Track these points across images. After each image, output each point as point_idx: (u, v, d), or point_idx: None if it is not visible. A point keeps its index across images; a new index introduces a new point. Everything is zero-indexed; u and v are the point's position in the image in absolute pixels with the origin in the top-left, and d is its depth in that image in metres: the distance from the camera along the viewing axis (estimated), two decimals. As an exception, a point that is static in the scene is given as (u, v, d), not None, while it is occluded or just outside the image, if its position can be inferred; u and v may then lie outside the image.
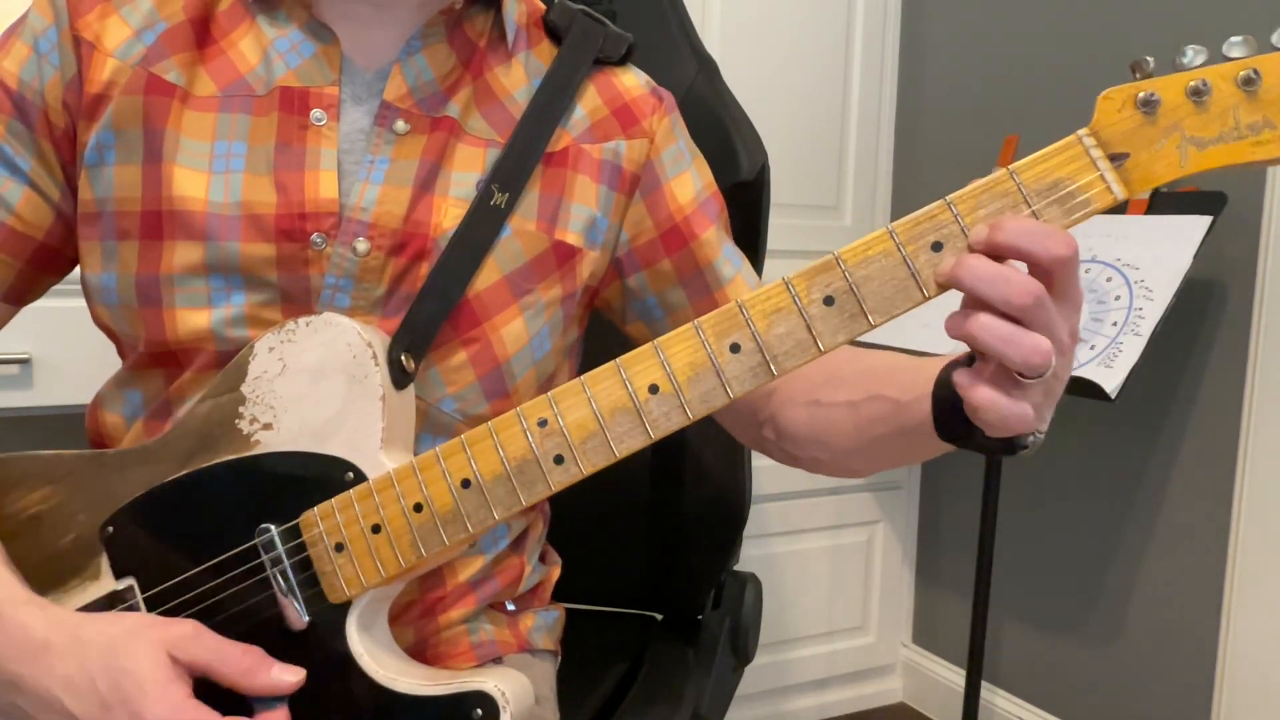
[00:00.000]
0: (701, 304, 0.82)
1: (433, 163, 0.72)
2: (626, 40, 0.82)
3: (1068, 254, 0.53)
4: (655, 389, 0.60)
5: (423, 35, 0.74)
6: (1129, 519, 1.73)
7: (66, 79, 0.71)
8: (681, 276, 0.82)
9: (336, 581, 0.65)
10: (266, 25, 0.73)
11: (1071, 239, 0.53)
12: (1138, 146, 0.54)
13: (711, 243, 0.82)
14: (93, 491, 0.71)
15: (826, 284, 0.58)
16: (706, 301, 0.82)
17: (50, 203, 0.74)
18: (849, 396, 0.72)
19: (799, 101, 2.03)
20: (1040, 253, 0.53)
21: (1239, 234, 1.52)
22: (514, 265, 0.73)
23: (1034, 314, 0.53)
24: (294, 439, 0.67)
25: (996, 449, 0.62)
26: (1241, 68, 0.52)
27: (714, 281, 0.82)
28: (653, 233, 0.81)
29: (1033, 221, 0.54)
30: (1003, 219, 0.54)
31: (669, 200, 0.81)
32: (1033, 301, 0.53)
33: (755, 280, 0.86)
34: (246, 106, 0.71)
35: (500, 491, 0.63)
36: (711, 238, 0.82)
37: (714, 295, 0.82)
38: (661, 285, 0.82)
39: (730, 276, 0.83)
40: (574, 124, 0.78)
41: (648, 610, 1.20)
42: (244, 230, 0.69)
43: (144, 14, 0.72)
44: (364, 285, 0.70)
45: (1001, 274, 0.53)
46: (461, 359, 0.72)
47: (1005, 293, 0.53)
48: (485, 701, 0.63)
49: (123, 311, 0.71)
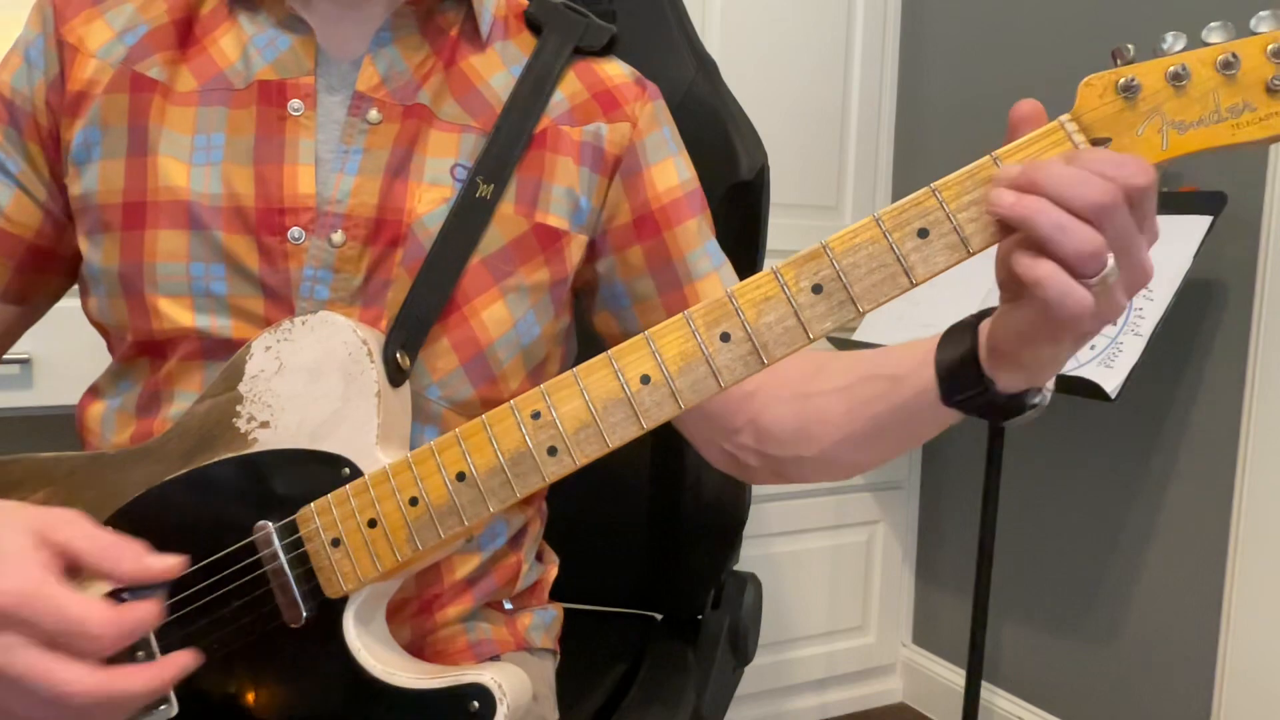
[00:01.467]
0: (670, 298, 0.81)
1: (405, 150, 0.73)
2: (609, 31, 0.82)
3: (1146, 182, 0.51)
4: (647, 379, 0.61)
5: (393, 26, 0.75)
6: (1129, 519, 1.72)
7: (50, 80, 0.74)
8: (651, 265, 0.81)
9: (333, 577, 0.66)
10: (246, 23, 0.74)
11: (1150, 167, 0.51)
12: (1119, 131, 0.55)
13: (688, 235, 0.81)
14: (93, 491, 0.71)
15: (815, 272, 0.58)
16: (675, 296, 0.81)
17: (38, 203, 0.76)
18: (840, 383, 0.72)
19: (799, 101, 2.03)
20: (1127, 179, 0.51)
21: (1239, 234, 1.52)
22: (492, 248, 0.74)
23: (1111, 216, 0.51)
24: (291, 437, 0.68)
25: (1003, 407, 0.61)
26: (1220, 52, 0.53)
27: (685, 275, 0.81)
28: (627, 216, 0.80)
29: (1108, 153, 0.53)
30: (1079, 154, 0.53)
31: (647, 186, 0.81)
32: (1110, 201, 0.50)
33: (733, 281, 0.84)
34: (225, 100, 0.72)
35: (495, 484, 0.63)
36: (689, 230, 0.81)
37: (684, 290, 0.81)
38: (630, 273, 0.81)
39: (704, 272, 0.82)
40: (553, 107, 0.78)
41: (648, 610, 1.20)
42: (225, 220, 0.70)
43: (127, 17, 0.74)
44: (342, 275, 0.71)
45: (1081, 176, 0.51)
46: (444, 345, 0.73)
47: (1084, 192, 0.51)
48: (482, 694, 0.63)
49: (109, 301, 0.72)
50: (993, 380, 0.60)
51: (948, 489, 2.15)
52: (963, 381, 0.62)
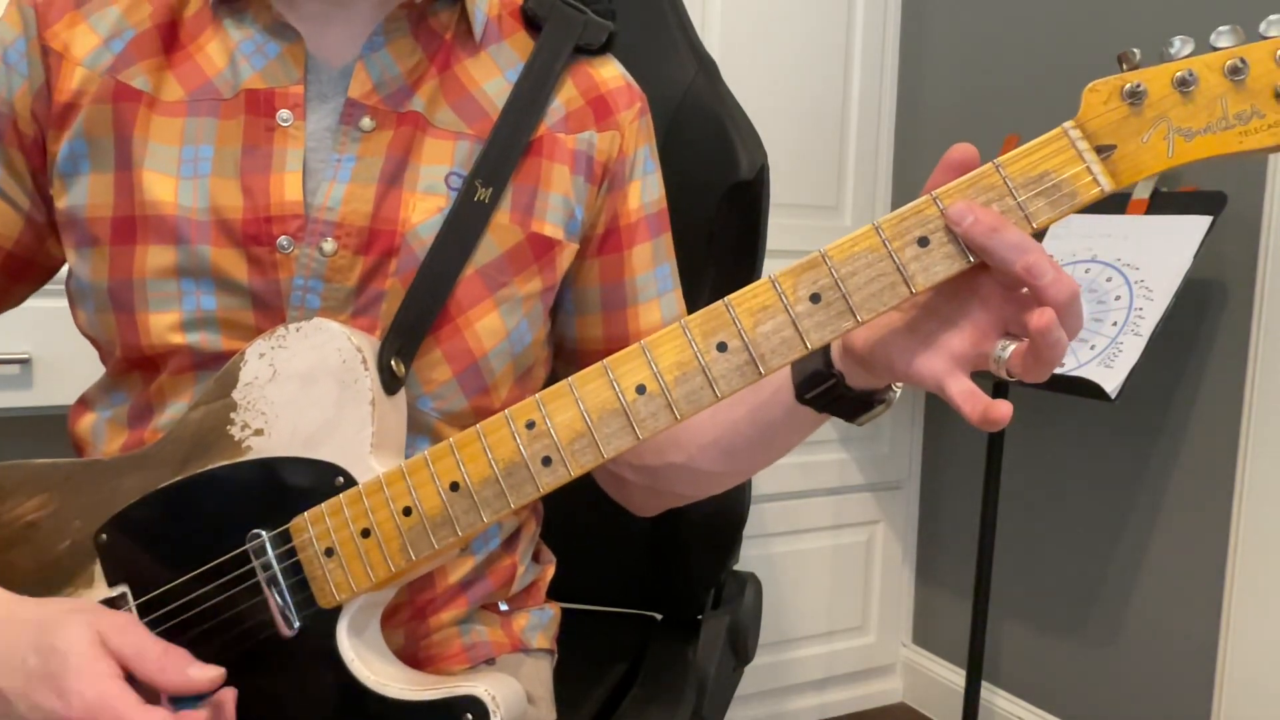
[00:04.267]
0: (612, 315, 0.82)
1: (399, 158, 0.72)
2: (607, 28, 0.80)
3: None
4: (642, 389, 0.60)
5: (385, 30, 0.73)
6: (1129, 519, 1.72)
7: (35, 88, 0.72)
8: (604, 280, 0.81)
9: (327, 586, 0.65)
10: (232, 28, 0.73)
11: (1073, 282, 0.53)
12: (1124, 138, 0.54)
13: (643, 257, 0.82)
14: (88, 498, 0.71)
15: (813, 281, 0.57)
16: (618, 315, 0.82)
17: (20, 211, 0.74)
18: None
19: (799, 101, 2.03)
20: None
21: (1239, 234, 1.52)
22: (487, 258, 0.73)
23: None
24: (285, 445, 0.67)
25: (853, 401, 0.64)
26: (1228, 57, 0.52)
27: (631, 297, 0.81)
28: (601, 229, 0.80)
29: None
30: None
31: (621, 202, 0.81)
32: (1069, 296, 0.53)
33: (676, 312, 0.85)
34: (213, 110, 0.71)
35: (488, 494, 0.63)
36: (645, 252, 0.82)
37: (625, 310, 0.82)
38: (583, 283, 0.81)
39: (648, 298, 0.82)
40: (550, 113, 0.77)
41: (648, 610, 1.19)
42: (213, 234, 0.69)
43: (112, 21, 0.72)
44: (333, 285, 0.70)
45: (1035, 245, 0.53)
46: (437, 356, 0.72)
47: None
48: (476, 706, 0.63)
49: (98, 317, 0.72)
50: (843, 374, 0.62)
51: (948, 489, 2.15)
52: (814, 378, 0.64)
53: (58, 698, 0.57)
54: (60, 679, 0.57)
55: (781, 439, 0.71)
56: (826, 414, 0.66)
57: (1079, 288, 0.53)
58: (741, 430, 0.71)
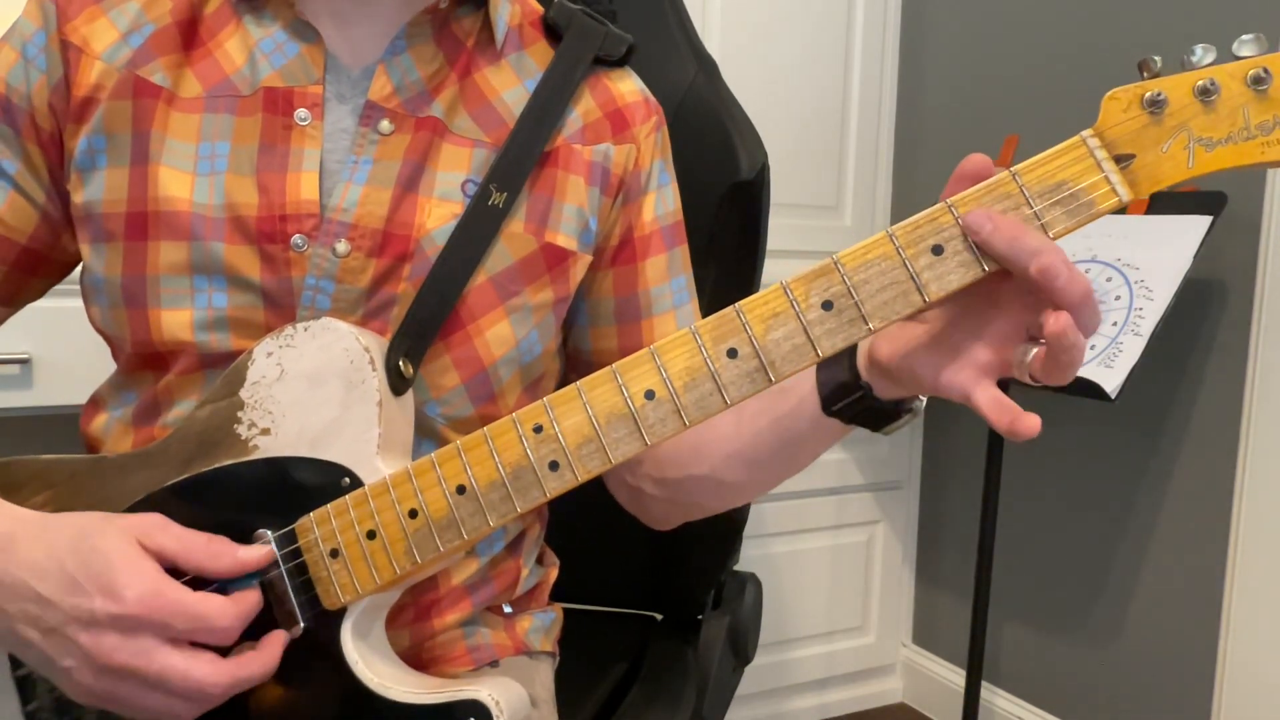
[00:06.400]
0: (626, 328, 0.81)
1: (416, 162, 0.72)
2: (626, 41, 0.81)
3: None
4: (651, 394, 0.60)
5: (408, 34, 0.73)
6: (1129, 519, 1.72)
7: (53, 82, 0.71)
8: (618, 292, 0.81)
9: (331, 588, 0.65)
10: (253, 25, 0.73)
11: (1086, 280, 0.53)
12: (1144, 147, 0.53)
13: (659, 269, 0.81)
14: (93, 496, 0.71)
15: (825, 288, 0.57)
16: (632, 327, 0.81)
17: (36, 206, 0.74)
18: None
19: (799, 101, 2.03)
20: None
21: (1239, 234, 1.52)
22: (499, 267, 0.73)
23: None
24: (292, 444, 0.67)
25: (879, 413, 0.63)
26: (1251, 66, 0.51)
27: (646, 309, 0.81)
28: (615, 240, 0.80)
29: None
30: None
31: (636, 214, 0.81)
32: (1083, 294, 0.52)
33: (690, 322, 0.83)
34: (231, 107, 0.70)
35: (495, 498, 0.62)
36: (660, 264, 0.82)
37: (640, 323, 0.81)
38: (597, 294, 0.81)
39: (664, 309, 0.82)
40: (567, 124, 0.77)
41: (648, 610, 1.19)
42: (228, 231, 0.68)
43: (132, 16, 0.72)
44: (344, 286, 0.70)
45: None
46: (446, 362, 0.72)
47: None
48: (479, 710, 0.63)
49: (110, 312, 0.71)
50: (870, 385, 0.62)
51: (948, 489, 2.15)
52: (842, 389, 0.64)
53: (105, 595, 0.58)
54: (106, 576, 0.58)
55: (806, 450, 0.70)
56: (854, 425, 0.66)
57: (1092, 286, 0.52)
58: (765, 441, 0.71)
